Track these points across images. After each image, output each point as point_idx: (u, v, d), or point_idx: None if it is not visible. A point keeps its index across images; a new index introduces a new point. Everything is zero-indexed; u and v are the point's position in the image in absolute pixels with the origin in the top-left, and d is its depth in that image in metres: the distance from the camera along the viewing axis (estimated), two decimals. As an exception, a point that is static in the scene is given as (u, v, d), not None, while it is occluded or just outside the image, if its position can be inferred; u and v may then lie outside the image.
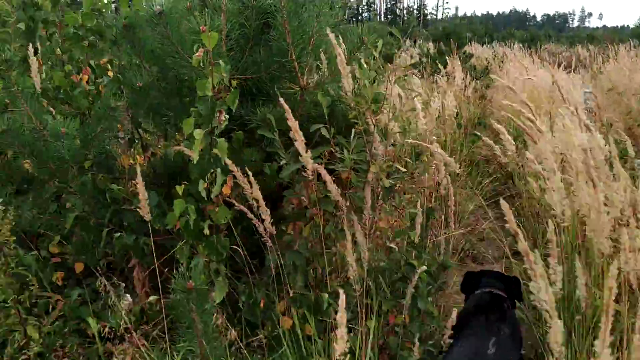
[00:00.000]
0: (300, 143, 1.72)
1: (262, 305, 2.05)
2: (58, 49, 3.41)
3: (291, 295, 1.99)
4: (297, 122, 1.82)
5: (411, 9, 73.90)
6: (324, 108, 1.96)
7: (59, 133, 2.12)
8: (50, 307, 2.21)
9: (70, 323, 2.20)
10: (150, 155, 2.94)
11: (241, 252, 2.14)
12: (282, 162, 2.06)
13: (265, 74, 2.27)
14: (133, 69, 2.61)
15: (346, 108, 2.18)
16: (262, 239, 1.95)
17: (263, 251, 2.60)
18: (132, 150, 2.75)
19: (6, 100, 2.40)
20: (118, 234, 2.15)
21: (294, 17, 2.10)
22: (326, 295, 1.93)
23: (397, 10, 73.67)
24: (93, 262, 2.50)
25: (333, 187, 1.86)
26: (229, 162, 1.82)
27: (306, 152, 1.96)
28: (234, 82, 1.92)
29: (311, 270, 2.22)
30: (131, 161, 2.80)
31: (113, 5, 3.70)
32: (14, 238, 1.98)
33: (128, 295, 1.92)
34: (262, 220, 1.90)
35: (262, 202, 1.82)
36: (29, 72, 2.59)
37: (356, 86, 1.89)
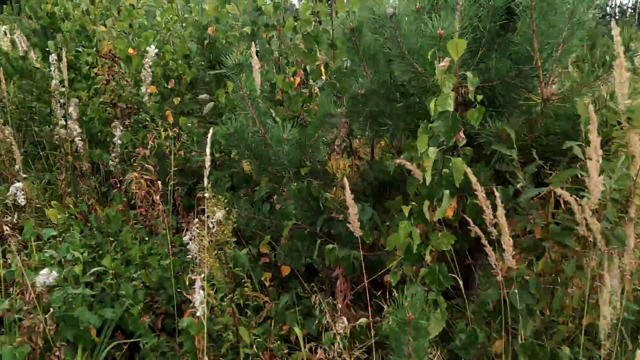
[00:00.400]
0: (594, 164, 1.43)
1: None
2: (276, 52, 3.54)
3: (520, 342, 1.71)
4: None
5: (624, 7, 65.87)
6: (581, 122, 1.64)
7: (280, 138, 2.12)
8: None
9: (276, 327, 2.20)
10: (357, 160, 2.87)
11: (458, 280, 1.93)
12: (518, 185, 1.79)
13: (498, 82, 2.01)
14: (348, 74, 2.55)
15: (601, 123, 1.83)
16: (492, 271, 1.71)
17: (469, 275, 2.36)
18: (342, 157, 2.70)
19: (234, 103, 2.50)
20: (331, 246, 2.09)
21: (544, 18, 1.81)
22: (567, 349, 1.63)
23: (608, 8, 66.24)
24: (298, 266, 2.50)
25: (593, 221, 1.54)
26: (474, 179, 1.61)
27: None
28: (479, 97, 1.70)
29: (537, 311, 1.93)
30: (339, 168, 2.76)
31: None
32: (235, 239, 2.02)
33: (344, 318, 1.83)
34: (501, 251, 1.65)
35: (505, 230, 1.57)
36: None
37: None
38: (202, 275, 1.60)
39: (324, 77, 3.11)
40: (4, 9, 11.49)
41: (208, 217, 1.77)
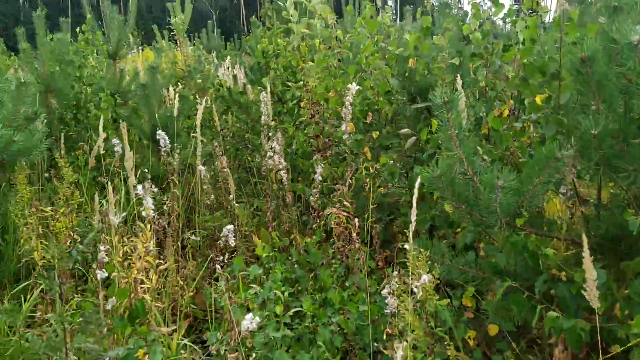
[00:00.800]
0: None
1: None
2: (482, 82, 3.29)
3: None
4: None
5: None
6: None
7: (493, 185, 1.89)
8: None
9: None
10: (582, 205, 2.47)
11: None
12: None
13: None
14: (577, 110, 2.21)
15: None
16: None
17: None
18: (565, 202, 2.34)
19: (439, 141, 2.34)
20: (554, 314, 1.78)
21: None
22: None
23: None
24: (508, 327, 2.21)
25: None
26: None
27: None
28: None
29: None
30: (559, 211, 2.41)
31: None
32: (437, 297, 1.84)
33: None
34: None
35: None
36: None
37: None
38: (405, 344, 1.45)
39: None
40: (227, 46, 13.05)
41: (411, 274, 1.62)
